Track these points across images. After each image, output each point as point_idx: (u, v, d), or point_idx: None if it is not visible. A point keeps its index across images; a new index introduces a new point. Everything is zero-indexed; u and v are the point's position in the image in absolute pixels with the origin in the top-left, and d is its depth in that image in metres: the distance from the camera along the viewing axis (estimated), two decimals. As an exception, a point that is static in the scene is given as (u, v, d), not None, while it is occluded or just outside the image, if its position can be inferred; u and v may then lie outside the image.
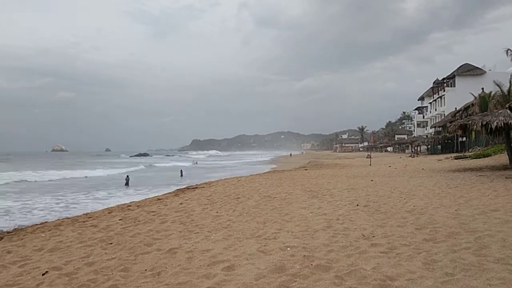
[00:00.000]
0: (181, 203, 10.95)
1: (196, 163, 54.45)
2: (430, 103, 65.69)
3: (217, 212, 8.86)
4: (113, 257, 5.43)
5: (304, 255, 4.85)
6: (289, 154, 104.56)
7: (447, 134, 42.10)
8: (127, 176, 22.55)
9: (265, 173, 26.42)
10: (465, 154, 30.90)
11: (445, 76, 58.72)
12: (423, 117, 71.37)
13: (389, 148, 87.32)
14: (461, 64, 57.55)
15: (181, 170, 29.09)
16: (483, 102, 36.34)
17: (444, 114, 54.80)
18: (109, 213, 10.23)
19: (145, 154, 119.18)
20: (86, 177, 28.15)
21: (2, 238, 7.66)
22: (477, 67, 56.05)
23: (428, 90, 67.62)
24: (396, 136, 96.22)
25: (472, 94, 40.46)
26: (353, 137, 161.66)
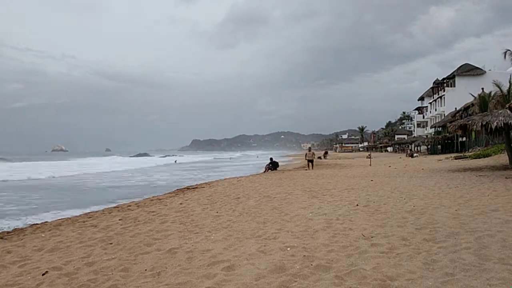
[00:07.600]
0: (181, 203, 10.94)
1: (175, 161, 60.73)
2: (430, 103, 65.70)
3: (217, 212, 8.86)
4: (113, 257, 5.43)
5: (304, 255, 4.84)
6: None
7: (447, 134, 42.10)
8: None
9: (265, 173, 26.40)
10: (465, 154, 30.89)
11: (445, 76, 58.72)
12: (423, 117, 71.43)
13: (389, 148, 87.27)
14: (461, 64, 57.49)
15: None
16: (483, 102, 36.33)
17: (444, 114, 54.81)
18: (109, 213, 10.22)
19: (145, 154, 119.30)
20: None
21: (2, 238, 7.66)
22: (477, 67, 56.00)
23: (428, 90, 67.63)
24: (396, 136, 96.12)
25: (472, 95, 40.47)
26: (353, 137, 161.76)
